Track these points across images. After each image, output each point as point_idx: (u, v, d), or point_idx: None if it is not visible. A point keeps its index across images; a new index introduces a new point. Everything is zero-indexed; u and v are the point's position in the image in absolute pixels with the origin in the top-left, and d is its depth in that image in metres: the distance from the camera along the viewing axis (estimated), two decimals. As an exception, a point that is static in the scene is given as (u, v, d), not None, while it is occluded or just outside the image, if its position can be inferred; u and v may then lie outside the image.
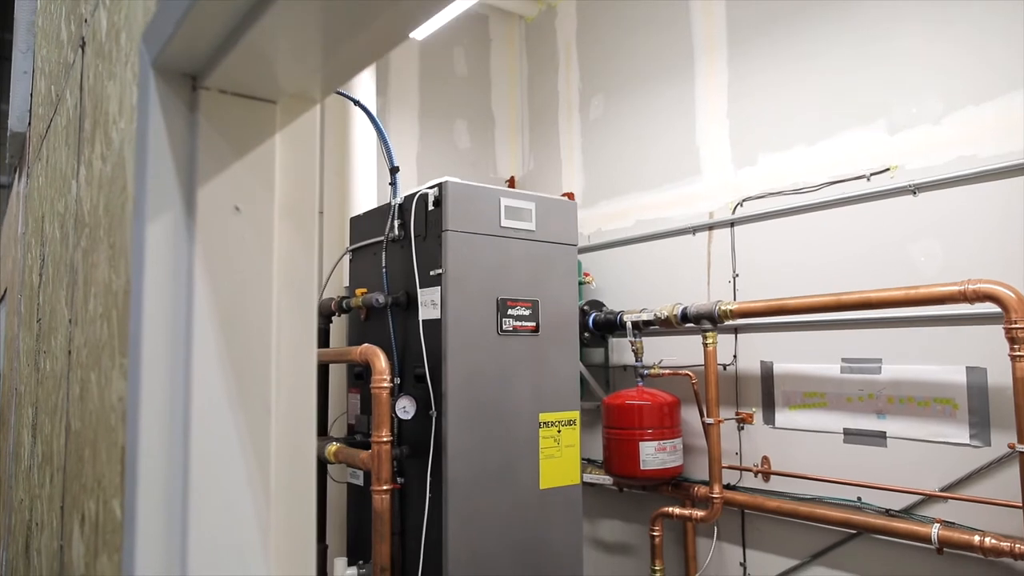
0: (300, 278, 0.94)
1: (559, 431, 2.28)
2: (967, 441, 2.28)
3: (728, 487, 2.83)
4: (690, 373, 2.91)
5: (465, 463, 2.08)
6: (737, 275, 2.96)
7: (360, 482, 2.46)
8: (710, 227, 3.07)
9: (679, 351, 3.08)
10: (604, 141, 3.61)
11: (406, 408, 2.07)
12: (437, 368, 2.10)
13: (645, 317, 2.95)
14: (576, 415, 2.35)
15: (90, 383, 1.24)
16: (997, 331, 2.22)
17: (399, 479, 2.21)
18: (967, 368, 2.29)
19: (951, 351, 2.33)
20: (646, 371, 3.00)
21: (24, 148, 2.95)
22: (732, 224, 2.99)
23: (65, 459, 1.45)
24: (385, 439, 1.96)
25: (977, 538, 2.13)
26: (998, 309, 2.19)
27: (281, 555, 0.85)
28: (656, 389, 2.97)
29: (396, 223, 2.32)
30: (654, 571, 2.85)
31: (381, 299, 2.19)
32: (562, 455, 2.28)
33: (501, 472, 2.15)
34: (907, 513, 2.39)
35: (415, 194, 2.26)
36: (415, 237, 2.24)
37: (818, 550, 2.64)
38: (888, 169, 2.51)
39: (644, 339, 3.07)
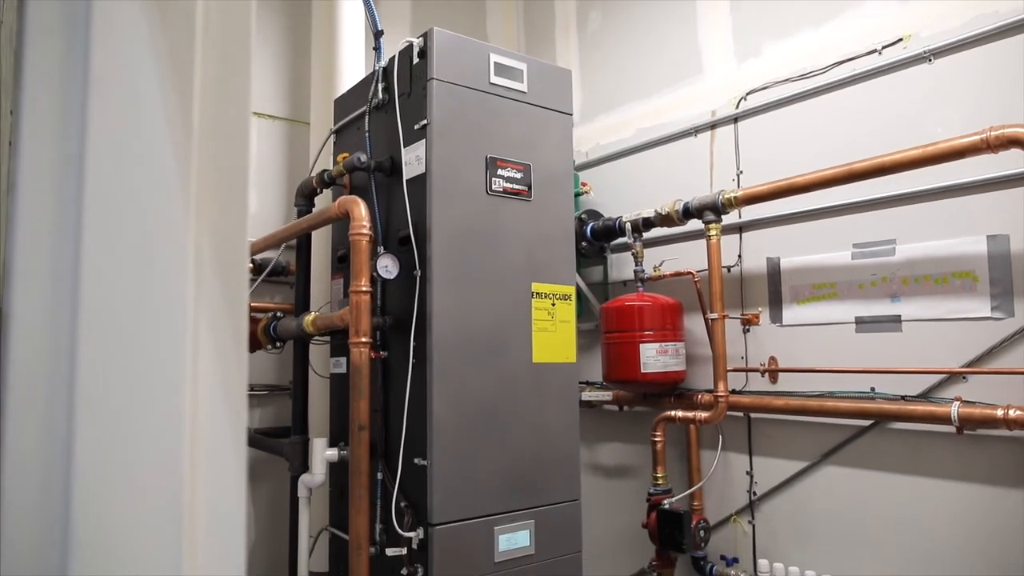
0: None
1: (553, 304, 2.14)
2: (988, 314, 2.14)
3: (733, 392, 2.68)
4: (692, 272, 2.77)
5: (451, 326, 1.94)
6: (741, 172, 2.82)
7: (343, 370, 2.32)
8: (712, 126, 2.94)
9: (682, 257, 2.93)
10: (603, 55, 3.48)
11: (388, 267, 1.94)
12: (421, 226, 1.96)
13: (645, 215, 2.81)
14: (572, 290, 2.21)
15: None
16: (1020, 194, 2.09)
17: (383, 352, 2.07)
18: (988, 237, 2.15)
19: (970, 221, 2.19)
20: (646, 275, 2.86)
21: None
22: (736, 120, 2.85)
23: None
24: (364, 289, 1.82)
25: (1000, 411, 1.98)
26: (1020, 168, 2.07)
27: (203, 197, 0.71)
28: (657, 294, 2.83)
29: (380, 87, 2.19)
30: (655, 479, 2.71)
31: (363, 158, 2.05)
32: (556, 329, 2.14)
33: (490, 340, 2.01)
34: (924, 397, 2.24)
35: (396, 54, 2.13)
36: (399, 96, 2.11)
37: (829, 448, 2.49)
38: (901, 39, 2.37)
39: (645, 251, 2.93)
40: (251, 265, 2.95)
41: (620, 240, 3.11)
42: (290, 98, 3.28)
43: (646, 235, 2.93)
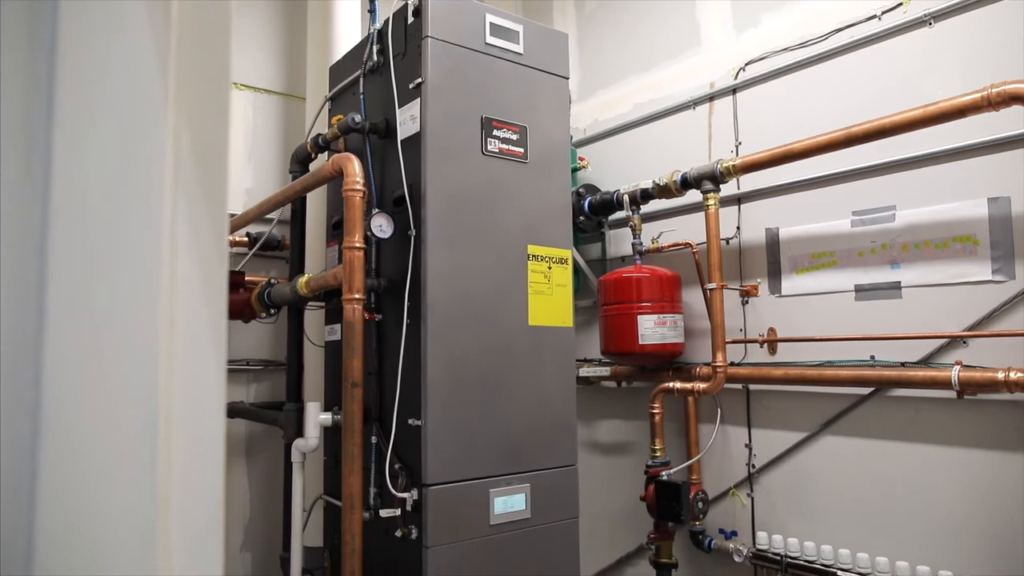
0: None
1: (550, 267, 2.12)
2: (989, 277, 2.12)
3: (732, 365, 2.65)
4: (691, 243, 2.75)
5: (446, 287, 1.92)
6: (740, 143, 2.80)
7: (338, 336, 2.30)
8: (711, 98, 2.91)
9: (680, 230, 2.91)
10: (601, 32, 3.46)
11: (382, 227, 1.91)
12: (416, 186, 1.94)
13: (643, 186, 2.79)
14: (568, 254, 2.19)
15: None
16: (1021, 155, 2.07)
17: (377, 315, 2.05)
18: (988, 200, 2.13)
19: (971, 184, 2.17)
20: (644, 248, 2.84)
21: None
22: (734, 91, 2.83)
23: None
24: (358, 245, 1.80)
25: (1001, 374, 1.96)
26: (1021, 130, 2.05)
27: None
28: (655, 266, 2.81)
29: (375, 49, 2.17)
30: (654, 451, 2.68)
31: (358, 118, 2.03)
32: (553, 293, 2.12)
33: (486, 301, 1.99)
34: (925, 363, 2.22)
35: (391, 15, 2.11)
36: (394, 57, 2.09)
37: (828, 418, 2.47)
38: (900, 3, 2.35)
39: (644, 226, 2.91)
40: (246, 239, 2.93)
41: (618, 215, 3.10)
42: (286, 73, 3.26)
43: (644, 210, 2.92)
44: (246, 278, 2.71)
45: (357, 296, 1.79)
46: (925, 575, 2.14)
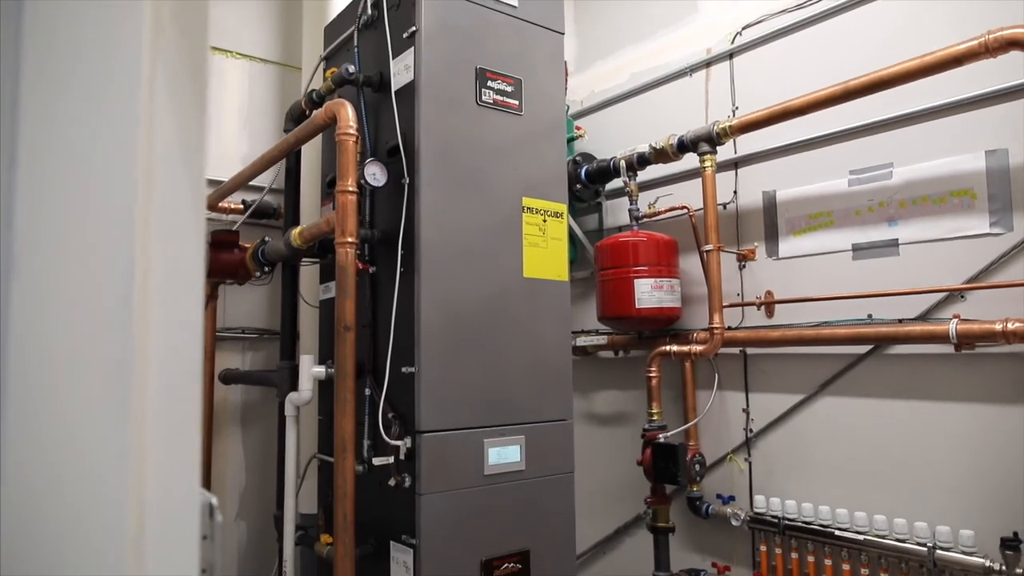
0: None
1: (544, 220, 2.11)
2: (987, 230, 2.11)
3: (730, 329, 2.64)
4: (687, 206, 2.74)
5: (440, 235, 1.91)
6: (737, 108, 2.78)
7: (332, 294, 2.29)
8: (707, 63, 2.90)
9: (677, 196, 2.90)
10: (598, 5, 3.45)
11: (376, 175, 1.90)
12: (410, 134, 1.93)
13: (640, 150, 2.77)
14: (563, 208, 2.17)
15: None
16: (1019, 106, 2.06)
17: (371, 266, 2.04)
18: (986, 152, 2.12)
19: (968, 139, 2.16)
20: (641, 214, 2.83)
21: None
22: (731, 56, 2.82)
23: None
24: (350, 189, 1.78)
25: (999, 325, 1.94)
26: (1018, 80, 2.04)
27: None
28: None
29: (369, 3, 2.16)
30: (651, 415, 2.67)
31: (351, 68, 2.02)
32: (548, 246, 2.10)
33: (480, 250, 1.97)
34: (922, 318, 2.21)
35: (388, -33, 2.10)
36: (388, 8, 2.08)
37: (826, 379, 2.45)
38: (898, -40, 2.34)
39: (640, 194, 2.89)
40: (240, 205, 2.92)
41: (615, 185, 3.09)
42: (282, 42, 3.25)
43: (641, 177, 2.90)
44: (242, 245, 2.70)
45: (350, 240, 1.77)
46: (923, 531, 2.12)
